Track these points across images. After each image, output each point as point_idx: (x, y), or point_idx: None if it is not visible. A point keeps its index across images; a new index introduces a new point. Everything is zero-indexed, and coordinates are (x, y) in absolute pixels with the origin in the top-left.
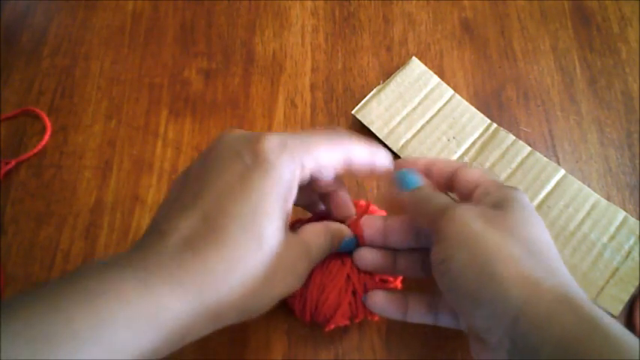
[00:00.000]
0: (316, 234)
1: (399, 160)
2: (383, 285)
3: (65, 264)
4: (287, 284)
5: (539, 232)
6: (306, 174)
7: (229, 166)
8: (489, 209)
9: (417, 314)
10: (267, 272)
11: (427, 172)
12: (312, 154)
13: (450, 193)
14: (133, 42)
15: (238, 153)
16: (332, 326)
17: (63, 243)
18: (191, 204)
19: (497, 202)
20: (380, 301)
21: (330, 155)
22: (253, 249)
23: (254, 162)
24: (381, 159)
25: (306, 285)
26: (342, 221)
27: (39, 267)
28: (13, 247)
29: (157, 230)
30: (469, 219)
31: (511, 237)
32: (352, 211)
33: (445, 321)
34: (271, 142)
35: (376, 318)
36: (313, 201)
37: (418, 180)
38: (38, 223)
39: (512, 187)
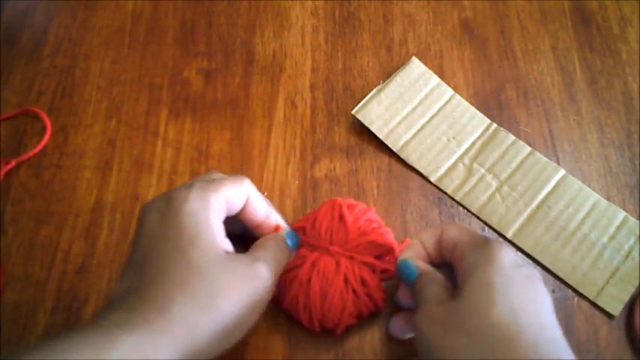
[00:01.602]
0: (267, 238)
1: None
2: (381, 276)
3: (65, 264)
4: (252, 286)
5: (512, 305)
6: (222, 205)
7: (149, 220)
8: (448, 306)
9: None
10: (213, 283)
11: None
12: (220, 190)
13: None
14: (133, 42)
15: (155, 206)
16: (342, 327)
17: (63, 243)
18: (129, 262)
19: (468, 270)
20: (399, 325)
21: (235, 191)
22: (183, 266)
23: (166, 207)
24: (274, 214)
25: (307, 295)
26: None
27: (39, 267)
28: (13, 247)
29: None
30: (427, 328)
31: (468, 337)
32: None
33: None
34: (180, 188)
35: (382, 309)
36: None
37: (414, 271)
38: (38, 223)
39: (487, 245)
